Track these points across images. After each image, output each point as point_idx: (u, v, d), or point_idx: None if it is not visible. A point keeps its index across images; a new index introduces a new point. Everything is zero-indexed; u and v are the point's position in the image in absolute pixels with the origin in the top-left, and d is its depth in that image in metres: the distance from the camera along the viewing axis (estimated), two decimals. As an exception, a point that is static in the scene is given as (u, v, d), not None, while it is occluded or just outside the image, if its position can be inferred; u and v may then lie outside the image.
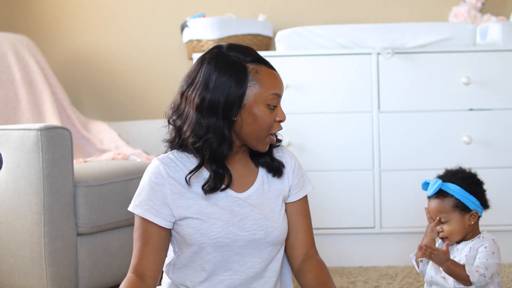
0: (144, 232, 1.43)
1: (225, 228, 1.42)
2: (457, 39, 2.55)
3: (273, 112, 1.42)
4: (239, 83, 1.38)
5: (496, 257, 1.59)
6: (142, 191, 1.45)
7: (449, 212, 1.61)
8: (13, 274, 1.98)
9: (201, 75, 1.40)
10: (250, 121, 1.41)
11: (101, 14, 3.14)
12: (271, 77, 1.43)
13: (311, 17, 3.06)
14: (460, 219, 1.61)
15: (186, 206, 1.43)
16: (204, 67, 1.41)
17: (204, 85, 1.39)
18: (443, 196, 1.62)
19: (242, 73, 1.39)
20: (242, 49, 1.44)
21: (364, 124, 2.55)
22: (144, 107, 3.11)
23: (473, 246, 1.61)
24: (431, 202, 1.65)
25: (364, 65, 2.55)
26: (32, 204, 1.89)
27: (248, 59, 1.42)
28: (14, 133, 1.93)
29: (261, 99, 1.40)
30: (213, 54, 1.43)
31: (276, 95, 1.42)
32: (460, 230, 1.62)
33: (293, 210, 1.54)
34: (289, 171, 1.53)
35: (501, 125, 2.52)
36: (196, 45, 2.76)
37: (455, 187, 1.62)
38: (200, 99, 1.39)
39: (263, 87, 1.40)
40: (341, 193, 2.56)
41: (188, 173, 1.42)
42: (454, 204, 1.61)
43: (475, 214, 1.63)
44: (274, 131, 1.45)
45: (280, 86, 1.44)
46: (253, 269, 1.46)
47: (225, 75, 1.39)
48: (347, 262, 2.58)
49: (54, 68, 3.07)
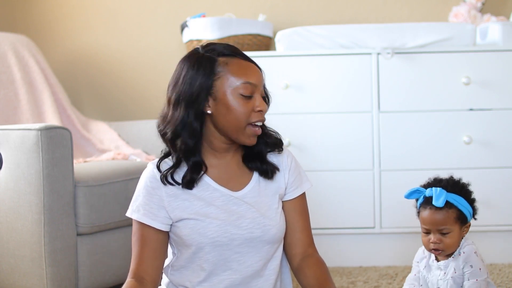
0: (142, 236, 1.44)
1: (222, 227, 1.43)
2: (457, 39, 2.55)
3: (249, 102, 1.42)
4: (206, 75, 1.41)
5: (483, 272, 1.54)
6: (138, 196, 1.46)
7: (452, 225, 1.55)
8: (13, 274, 1.98)
9: (175, 75, 1.45)
10: (224, 112, 1.41)
11: (101, 14, 3.14)
12: (242, 67, 1.42)
13: (311, 17, 3.06)
14: (459, 231, 1.57)
15: (182, 208, 1.44)
16: (178, 67, 1.46)
17: (175, 82, 1.44)
18: (447, 208, 1.55)
19: (210, 65, 1.41)
20: (219, 46, 1.45)
21: (364, 124, 2.55)
22: (144, 107, 3.12)
23: (457, 266, 1.56)
24: (432, 213, 1.56)
25: (364, 65, 2.55)
26: (32, 204, 1.89)
27: (221, 53, 1.43)
28: (14, 133, 1.93)
29: (231, 89, 1.40)
30: (189, 54, 1.47)
31: (248, 84, 1.41)
32: (457, 243, 1.57)
33: (290, 208, 1.54)
34: (285, 169, 1.53)
35: (501, 125, 2.52)
36: (196, 45, 2.75)
37: (459, 198, 1.56)
38: (174, 96, 1.42)
39: (232, 76, 1.41)
40: (341, 193, 2.56)
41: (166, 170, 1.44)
42: (457, 216, 1.56)
43: (468, 225, 1.59)
44: (253, 121, 1.43)
45: (254, 75, 1.42)
46: (252, 267, 1.46)
47: (193, 70, 1.42)
48: (347, 262, 2.58)
49: (54, 68, 3.07)
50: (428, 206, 1.57)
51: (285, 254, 1.56)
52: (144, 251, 1.44)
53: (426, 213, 1.58)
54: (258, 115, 1.43)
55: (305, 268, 1.51)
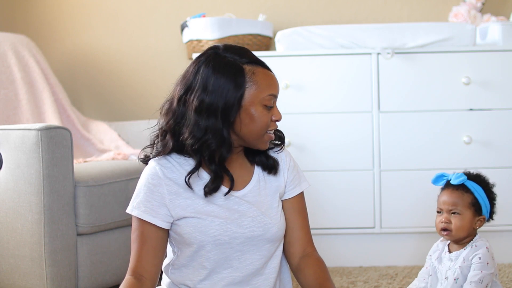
0: (141, 233, 1.44)
1: (224, 226, 1.43)
2: (457, 39, 2.55)
3: (269, 112, 1.44)
4: (237, 85, 1.40)
5: (490, 267, 1.58)
6: (139, 192, 1.46)
7: (464, 208, 1.62)
8: (13, 274, 1.98)
9: (199, 77, 1.41)
10: (248, 121, 1.42)
11: (101, 14, 3.14)
12: (267, 78, 1.44)
13: (311, 17, 3.06)
14: (471, 218, 1.62)
15: (183, 206, 1.44)
16: (202, 70, 1.41)
17: (203, 87, 1.40)
18: (463, 191, 1.63)
19: (240, 75, 1.40)
20: (238, 50, 1.45)
21: (364, 124, 2.55)
22: (144, 107, 3.12)
23: (467, 256, 1.60)
24: (448, 193, 1.64)
25: (364, 65, 2.55)
26: (32, 204, 1.89)
27: (244, 60, 1.43)
28: (14, 133, 1.93)
29: (257, 100, 1.42)
30: (210, 55, 1.44)
31: (272, 96, 1.44)
32: (466, 229, 1.62)
33: (289, 207, 1.55)
34: (284, 168, 1.55)
35: (501, 125, 2.52)
36: (196, 45, 2.76)
37: (478, 187, 1.63)
38: (199, 102, 1.39)
39: (259, 88, 1.42)
40: (341, 193, 2.56)
41: (187, 174, 1.43)
42: (471, 202, 1.62)
43: (482, 219, 1.64)
44: (271, 130, 1.47)
45: (276, 87, 1.47)
46: (252, 266, 1.47)
47: (223, 77, 1.39)
48: (347, 262, 2.58)
49: (54, 68, 3.07)
50: (447, 188, 1.66)
51: (284, 253, 1.57)
52: (143, 249, 1.43)
53: (443, 193, 1.66)
54: (275, 125, 1.48)
55: (304, 267, 1.52)
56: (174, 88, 1.47)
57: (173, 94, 1.46)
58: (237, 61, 1.42)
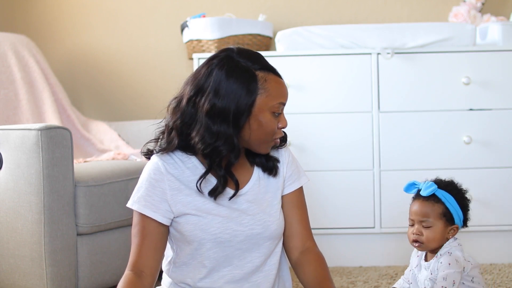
0: (142, 228, 1.44)
1: (224, 224, 1.44)
2: (457, 39, 2.55)
3: (276, 119, 1.45)
4: (249, 92, 1.40)
5: (453, 267, 1.55)
6: (141, 187, 1.46)
7: (435, 219, 1.58)
8: (13, 274, 1.98)
9: (211, 80, 1.40)
10: (256, 127, 1.42)
11: (101, 14, 3.14)
12: (279, 86, 1.44)
13: (311, 17, 3.06)
14: (443, 229, 1.58)
15: (184, 203, 1.44)
16: (215, 73, 1.41)
17: (215, 91, 1.39)
18: (434, 201, 1.58)
19: (253, 81, 1.40)
20: (252, 55, 1.45)
21: (364, 124, 2.55)
22: (144, 107, 3.12)
23: (433, 268, 1.59)
24: (418, 203, 1.60)
25: (364, 65, 2.55)
26: (32, 204, 1.89)
27: (257, 66, 1.43)
28: (14, 133, 1.93)
29: (267, 107, 1.42)
30: (223, 59, 1.42)
31: (281, 104, 1.45)
32: (438, 240, 1.59)
33: (288, 202, 1.55)
34: (283, 163, 1.55)
35: (501, 125, 2.52)
36: (196, 45, 2.76)
37: (449, 196, 1.59)
38: (211, 105, 1.39)
39: (270, 96, 1.42)
40: (341, 193, 2.56)
41: (198, 178, 1.43)
42: (442, 212, 1.58)
43: (455, 228, 1.60)
44: (277, 137, 1.47)
45: (286, 95, 1.46)
46: (252, 263, 1.47)
47: (236, 83, 1.39)
48: (347, 262, 2.58)
49: (54, 68, 3.07)
50: (417, 198, 1.61)
51: (284, 247, 1.57)
52: (144, 244, 1.43)
53: (414, 204, 1.62)
54: (281, 132, 1.48)
55: (304, 264, 1.52)
56: (184, 87, 1.46)
57: (182, 93, 1.45)
58: (251, 67, 1.42)
